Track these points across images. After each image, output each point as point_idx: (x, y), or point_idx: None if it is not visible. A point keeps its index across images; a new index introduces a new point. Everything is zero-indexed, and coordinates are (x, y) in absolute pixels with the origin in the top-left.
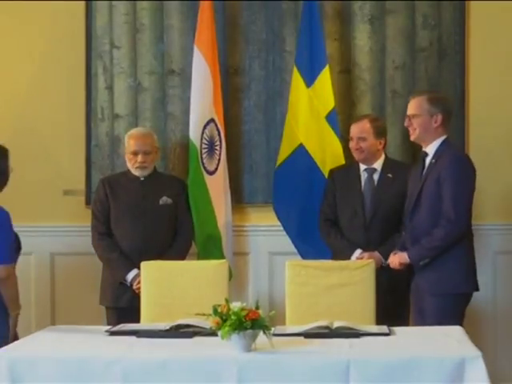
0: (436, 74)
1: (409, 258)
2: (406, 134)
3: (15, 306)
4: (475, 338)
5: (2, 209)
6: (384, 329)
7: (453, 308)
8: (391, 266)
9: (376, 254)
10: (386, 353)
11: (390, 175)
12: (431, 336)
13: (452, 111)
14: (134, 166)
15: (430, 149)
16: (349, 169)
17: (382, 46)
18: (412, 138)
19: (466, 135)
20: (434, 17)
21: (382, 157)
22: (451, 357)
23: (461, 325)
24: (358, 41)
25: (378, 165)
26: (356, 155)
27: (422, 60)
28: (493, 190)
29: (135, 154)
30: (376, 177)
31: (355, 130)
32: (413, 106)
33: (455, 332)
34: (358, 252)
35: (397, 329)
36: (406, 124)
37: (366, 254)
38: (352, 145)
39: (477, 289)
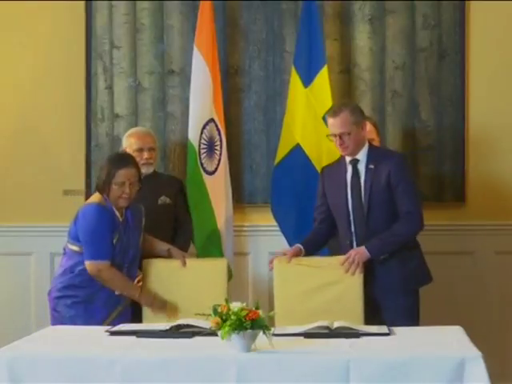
0: (436, 74)
1: (369, 252)
2: (406, 133)
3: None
4: (475, 337)
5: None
6: (384, 329)
7: (417, 303)
8: (350, 263)
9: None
10: (386, 353)
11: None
12: (431, 336)
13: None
14: (140, 163)
15: (361, 155)
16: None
17: (382, 46)
18: (345, 154)
19: (466, 135)
20: (433, 17)
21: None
22: (451, 357)
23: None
24: (358, 41)
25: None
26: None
27: (422, 60)
28: (492, 189)
29: (140, 151)
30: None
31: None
32: (338, 125)
33: (455, 332)
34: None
35: (397, 329)
36: (337, 143)
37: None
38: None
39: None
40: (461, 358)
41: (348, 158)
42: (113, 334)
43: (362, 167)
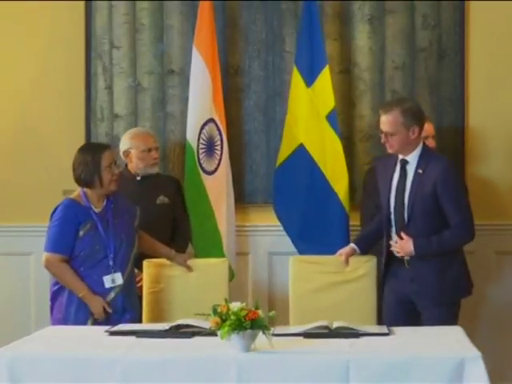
0: (435, 74)
1: (415, 249)
2: None
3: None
4: (475, 338)
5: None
6: (384, 329)
7: (455, 315)
8: (398, 250)
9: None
10: (385, 353)
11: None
12: (431, 336)
13: (424, 116)
14: (149, 163)
15: (412, 158)
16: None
17: (382, 46)
18: (390, 152)
19: (466, 135)
20: (433, 17)
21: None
22: (451, 357)
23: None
24: (358, 41)
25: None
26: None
27: (422, 60)
28: (492, 189)
29: (149, 151)
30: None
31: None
32: (387, 123)
33: (455, 332)
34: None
35: (396, 329)
36: (382, 141)
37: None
38: (428, 143)
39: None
40: (460, 358)
41: (399, 156)
42: (112, 334)
43: (411, 170)
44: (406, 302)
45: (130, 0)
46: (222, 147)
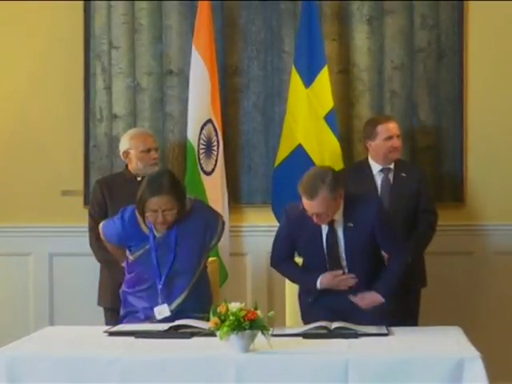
0: (434, 75)
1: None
2: (405, 134)
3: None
4: (474, 338)
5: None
6: (382, 329)
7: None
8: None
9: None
10: (384, 353)
11: (403, 174)
12: (430, 336)
13: (341, 176)
14: (148, 164)
15: (337, 215)
16: (359, 170)
17: (381, 46)
18: (324, 223)
19: (465, 136)
20: (432, 17)
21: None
22: (450, 357)
23: None
24: (357, 41)
25: (391, 164)
26: (396, 154)
27: (421, 60)
28: (491, 190)
29: (148, 151)
30: (391, 177)
31: (394, 127)
32: (317, 206)
33: (454, 332)
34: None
35: (395, 329)
36: (315, 220)
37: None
38: (393, 143)
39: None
40: (459, 359)
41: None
42: (111, 334)
43: (339, 227)
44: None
45: (128, 0)
46: (218, 148)
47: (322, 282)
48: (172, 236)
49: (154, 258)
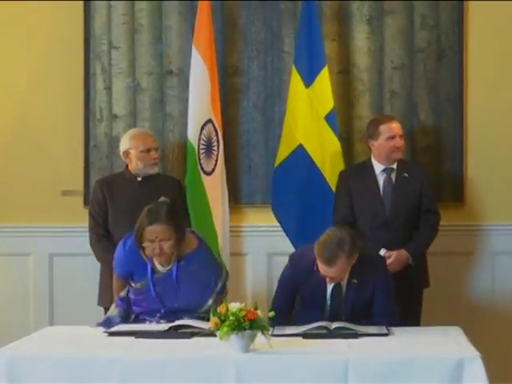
0: (434, 75)
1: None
2: (405, 134)
3: None
4: (474, 338)
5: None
6: (383, 329)
7: None
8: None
9: (403, 252)
10: (384, 353)
11: (406, 174)
12: (430, 336)
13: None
14: (148, 164)
15: (395, 164)
16: (361, 169)
17: (381, 46)
18: (401, 156)
19: (465, 136)
20: (432, 17)
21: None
22: (450, 357)
23: None
24: (357, 41)
25: (394, 164)
26: (398, 154)
27: (421, 60)
28: (491, 190)
29: (148, 151)
30: (394, 176)
31: (397, 127)
32: (336, 272)
33: (454, 332)
34: (383, 251)
35: (395, 329)
36: (328, 281)
37: (394, 253)
38: (395, 143)
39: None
40: (459, 359)
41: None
42: (111, 334)
43: (344, 282)
44: None
45: (128, 0)
46: (218, 148)
47: None
48: (174, 271)
49: (153, 292)
